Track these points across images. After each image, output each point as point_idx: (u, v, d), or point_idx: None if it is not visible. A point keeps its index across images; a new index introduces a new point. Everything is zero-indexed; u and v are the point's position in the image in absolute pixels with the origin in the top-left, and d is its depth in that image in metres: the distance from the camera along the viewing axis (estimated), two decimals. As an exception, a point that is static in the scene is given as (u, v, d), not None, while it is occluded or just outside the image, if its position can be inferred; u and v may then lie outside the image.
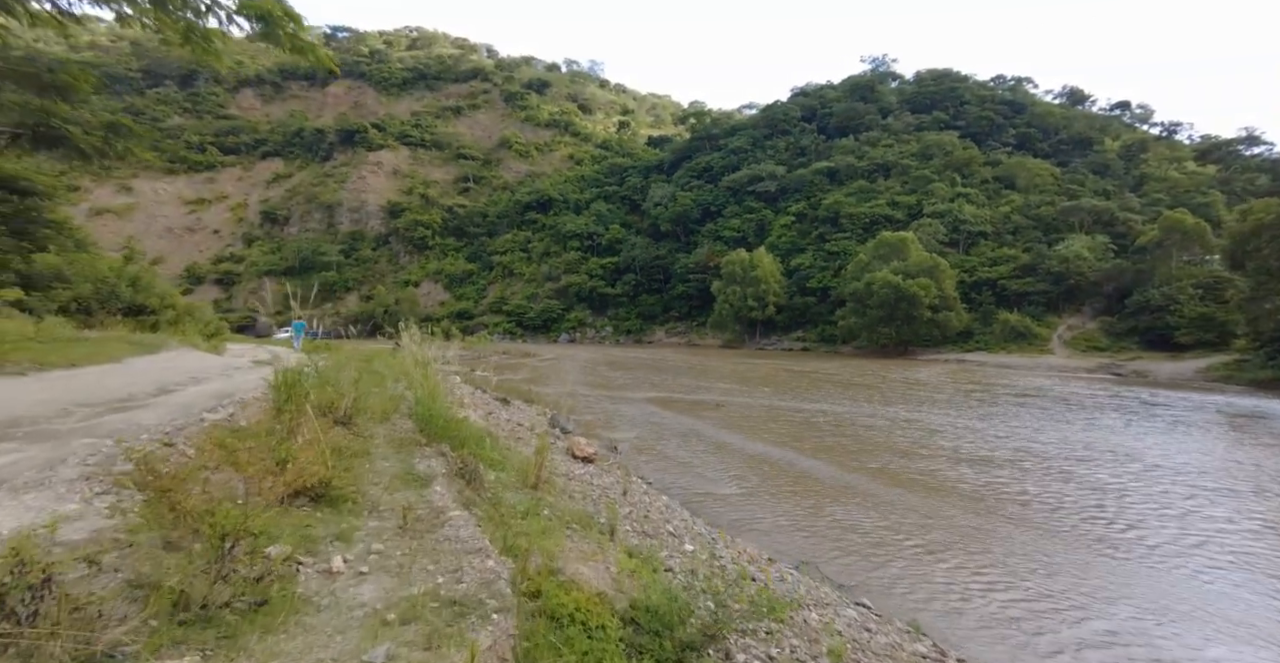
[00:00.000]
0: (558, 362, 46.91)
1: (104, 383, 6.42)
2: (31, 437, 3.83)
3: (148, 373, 7.73)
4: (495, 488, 4.93)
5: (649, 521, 5.92)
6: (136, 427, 4.25)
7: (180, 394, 6.17)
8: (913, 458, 14.73)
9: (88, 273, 15.75)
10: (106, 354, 8.46)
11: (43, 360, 6.84)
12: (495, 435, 7.13)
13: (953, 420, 20.40)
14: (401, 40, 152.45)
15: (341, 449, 3.93)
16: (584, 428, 18.37)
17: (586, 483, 7.29)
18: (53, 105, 5.99)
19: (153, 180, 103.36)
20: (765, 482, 12.30)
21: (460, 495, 4.02)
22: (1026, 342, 51.68)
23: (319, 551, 2.59)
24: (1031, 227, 66.20)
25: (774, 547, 7.97)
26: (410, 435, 4.99)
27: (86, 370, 7.15)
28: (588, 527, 4.93)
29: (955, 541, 8.80)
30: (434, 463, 4.24)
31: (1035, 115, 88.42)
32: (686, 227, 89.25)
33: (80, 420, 4.45)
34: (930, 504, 10.80)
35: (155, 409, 5.14)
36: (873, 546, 8.40)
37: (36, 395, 5.38)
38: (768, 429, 18.58)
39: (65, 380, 6.34)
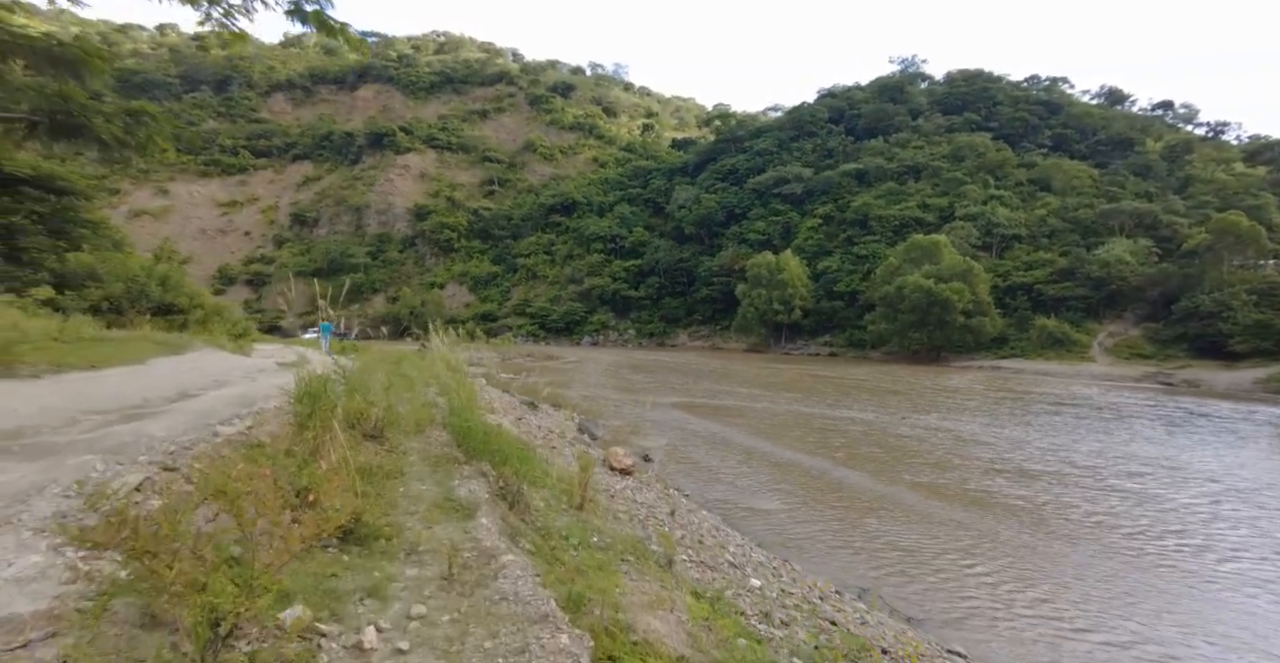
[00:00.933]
0: (581, 365, 46.51)
1: (121, 387, 6.03)
2: (27, 452, 3.36)
3: (169, 376, 7.36)
4: (541, 512, 4.37)
5: (704, 547, 5.31)
6: (143, 439, 3.77)
7: (199, 400, 5.74)
8: (953, 470, 13.89)
9: (119, 272, 15.69)
10: (130, 355, 8.14)
11: (61, 362, 6.51)
12: (531, 446, 6.57)
13: (992, 430, 19.41)
14: (429, 45, 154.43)
15: (372, 470, 3.42)
16: (613, 434, 17.83)
17: (629, 500, 6.70)
18: (70, 90, 5.64)
19: (188, 183, 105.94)
20: (805, 495, 11.61)
21: (506, 524, 3.45)
22: (1065, 349, 49.78)
23: (345, 613, 2.06)
24: (1069, 230, 64.01)
25: (829, 571, 7.29)
26: (447, 451, 4.46)
27: (106, 373, 6.80)
28: (643, 558, 4.33)
29: (1019, 565, 8.01)
30: (475, 486, 3.70)
31: (1072, 116, 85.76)
32: (710, 229, 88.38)
33: (85, 431, 4.00)
34: (984, 523, 10.01)
35: (169, 417, 4.69)
36: (935, 572, 7.66)
37: (47, 401, 4.98)
38: (799, 437, 17.84)
39: (81, 384, 5.97)
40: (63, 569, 1.81)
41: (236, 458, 3.15)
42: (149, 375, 7.14)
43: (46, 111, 5.65)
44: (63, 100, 5.61)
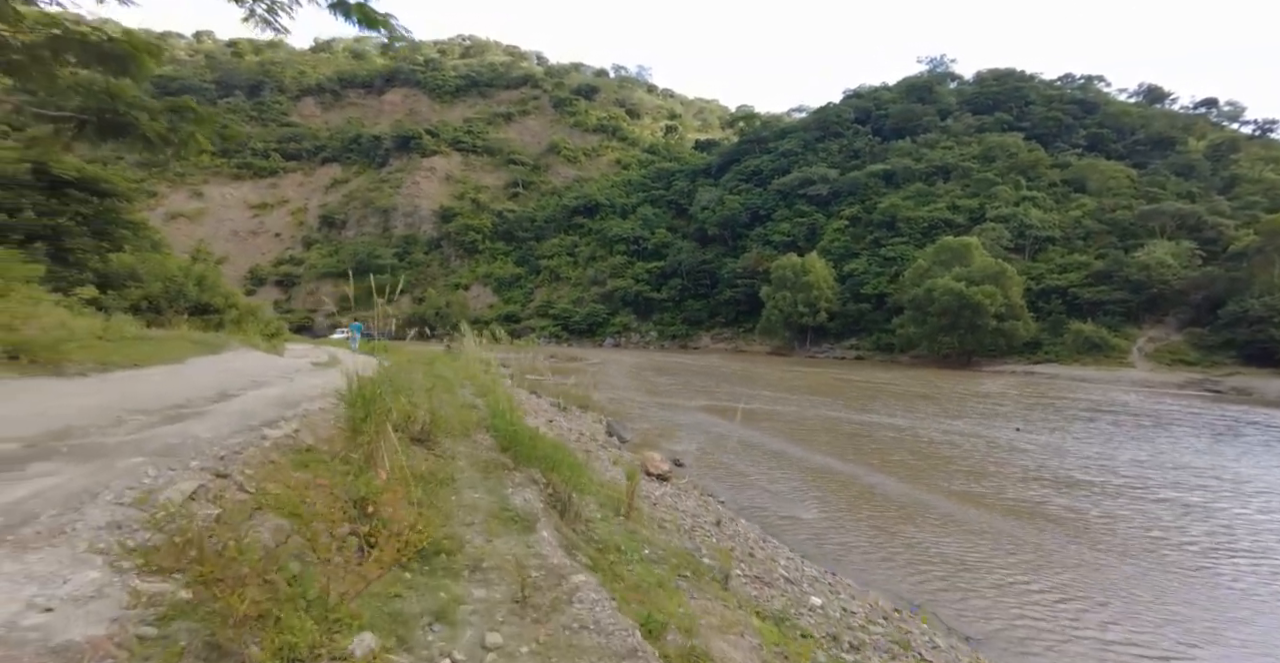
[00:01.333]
0: (605, 366, 46.43)
1: (163, 386, 6.00)
2: (75, 453, 3.27)
3: (208, 375, 7.35)
4: (590, 521, 4.17)
5: (755, 561, 5.06)
6: (190, 441, 3.66)
7: (240, 400, 5.67)
8: (990, 477, 13.40)
9: (158, 272, 15.97)
10: (169, 354, 8.18)
11: (106, 360, 6.52)
12: (568, 449, 6.37)
13: (1028, 437, 18.76)
14: (455, 49, 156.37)
15: (424, 477, 3.25)
16: (641, 437, 17.62)
17: (671, 508, 6.48)
18: (118, 87, 5.63)
19: (221, 186, 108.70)
20: (841, 502, 11.27)
21: (562, 536, 3.26)
22: (1102, 354, 48.23)
23: (415, 641, 1.88)
24: (1105, 231, 62.17)
25: (877, 584, 6.97)
26: (495, 457, 4.29)
27: (148, 372, 6.80)
28: (698, 573, 4.10)
29: (1077, 582, 7.59)
30: (529, 495, 3.52)
31: (1108, 115, 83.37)
32: (734, 231, 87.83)
33: (132, 432, 3.91)
34: (1030, 534, 9.56)
35: (212, 418, 4.60)
36: (987, 588, 7.28)
37: (94, 399, 4.93)
38: (829, 442, 17.44)
39: (125, 382, 5.95)
40: (120, 588, 1.67)
41: (287, 463, 3.01)
42: (189, 375, 7.13)
43: (94, 110, 5.65)
44: (110, 98, 5.61)
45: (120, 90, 5.75)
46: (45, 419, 3.96)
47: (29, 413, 4.09)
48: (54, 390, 5.10)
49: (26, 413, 4.08)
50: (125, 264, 16.15)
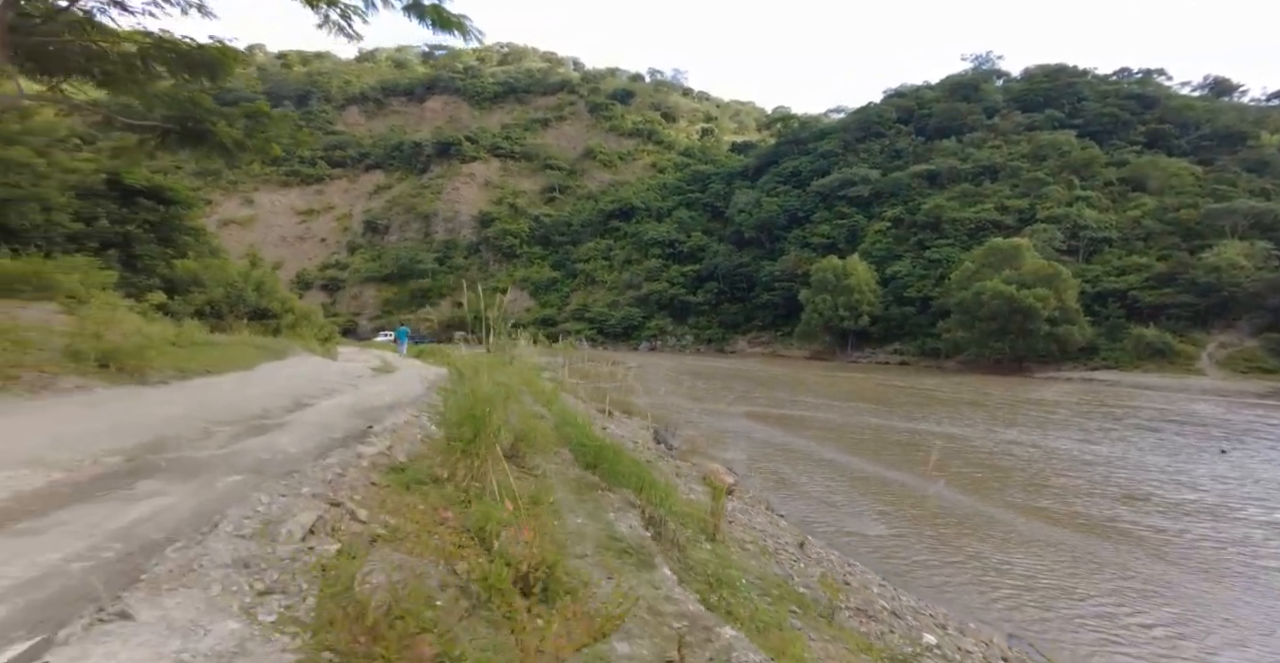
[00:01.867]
0: (643, 370, 46.18)
1: (239, 394, 6.02)
2: (174, 469, 3.19)
3: (278, 382, 7.40)
4: (684, 547, 3.92)
5: (852, 589, 4.73)
6: (279, 456, 3.57)
7: (315, 409, 5.63)
8: (1060, 492, 12.64)
9: (220, 278, 16.47)
10: (239, 360, 8.32)
11: (182, 367, 6.63)
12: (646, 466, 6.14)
13: (1095, 448, 17.73)
14: (493, 56, 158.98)
15: (530, 501, 3.06)
16: (689, 444, 17.33)
17: (746, 526, 6.19)
18: (199, 95, 5.70)
19: (270, 193, 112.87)
20: (905, 517, 10.76)
21: (675, 566, 3.02)
22: (1166, 360, 45.70)
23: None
24: (1168, 232, 58.98)
25: (965, 612, 6.53)
26: (583, 476, 4.09)
27: (222, 379, 6.88)
28: (803, 607, 3.81)
29: (1192, 617, 6.97)
30: (632, 521, 3.30)
31: (1170, 110, 79.20)
32: (771, 233, 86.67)
33: (221, 445, 3.84)
34: (1118, 556, 8.89)
35: (294, 430, 4.53)
36: (1088, 619, 6.73)
37: (178, 409, 4.94)
38: (882, 452, 16.82)
39: (203, 391, 5.99)
40: (262, 642, 1.50)
41: (393, 486, 2.85)
42: (260, 382, 7.18)
43: (177, 118, 5.73)
44: (192, 105, 5.68)
45: (200, 99, 5.81)
46: (139, 431, 3.93)
47: (124, 424, 4.08)
48: (141, 399, 5.13)
49: (122, 424, 4.07)
50: (189, 270, 16.72)
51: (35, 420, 3.92)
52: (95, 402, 4.69)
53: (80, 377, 5.17)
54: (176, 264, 16.89)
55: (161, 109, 5.73)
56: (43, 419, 3.95)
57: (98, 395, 4.90)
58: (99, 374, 5.43)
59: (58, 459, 3.17)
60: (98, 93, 5.97)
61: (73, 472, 3.05)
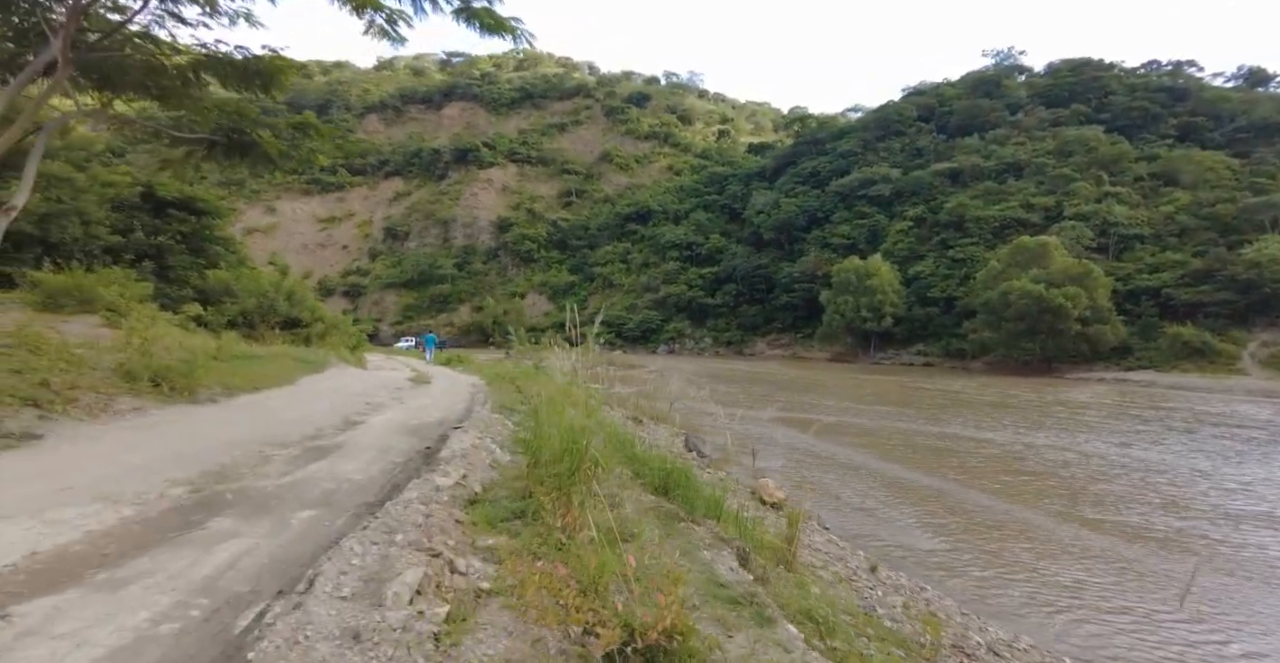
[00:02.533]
0: (664, 374, 45.78)
1: (288, 412, 5.90)
2: (242, 503, 3.02)
3: (322, 397, 7.29)
4: (768, 582, 3.66)
5: (938, 621, 4.43)
6: (344, 486, 3.39)
7: (367, 428, 5.48)
8: (1109, 501, 12.09)
9: (251, 288, 16.57)
10: (281, 374, 8.25)
11: (229, 384, 6.55)
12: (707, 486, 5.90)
13: (1137, 453, 17.04)
14: (509, 62, 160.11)
15: (617, 537, 2.84)
16: (721, 452, 17.04)
17: (809, 547, 5.90)
18: (246, 107, 5.60)
19: (292, 201, 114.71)
20: (955, 528, 10.35)
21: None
22: (1205, 360, 44.28)
23: None
24: (1203, 227, 57.26)
25: (1044, 640, 6.17)
26: (658, 503, 3.85)
27: (267, 395, 6.78)
28: (906, 649, 3.53)
29: None
30: (729, 560, 3.06)
31: (1203, 102, 77.03)
32: (790, 234, 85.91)
33: (282, 472, 3.68)
34: (1196, 577, 8.41)
35: (352, 453, 4.36)
36: (1183, 647, 6.32)
37: (232, 431, 4.82)
38: (919, 458, 16.33)
39: (251, 409, 5.88)
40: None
41: (481, 524, 2.64)
42: (305, 397, 7.07)
43: (225, 130, 5.64)
44: (240, 117, 5.59)
45: (247, 110, 5.72)
46: (200, 457, 3.79)
47: (184, 450, 3.95)
48: (194, 420, 5.02)
49: (182, 450, 3.93)
50: (221, 280, 16.85)
51: (99, 447, 3.81)
52: (152, 424, 4.58)
53: (135, 397, 5.09)
54: (209, 275, 17.05)
55: (211, 122, 5.66)
56: (106, 446, 3.84)
57: (153, 418, 4.80)
58: (152, 394, 5.35)
59: (125, 492, 3.03)
60: (141, 105, 5.93)
61: (142, 506, 2.90)
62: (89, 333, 9.76)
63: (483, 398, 8.36)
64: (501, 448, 4.21)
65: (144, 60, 5.17)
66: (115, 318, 10.99)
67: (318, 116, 43.43)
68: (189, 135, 5.80)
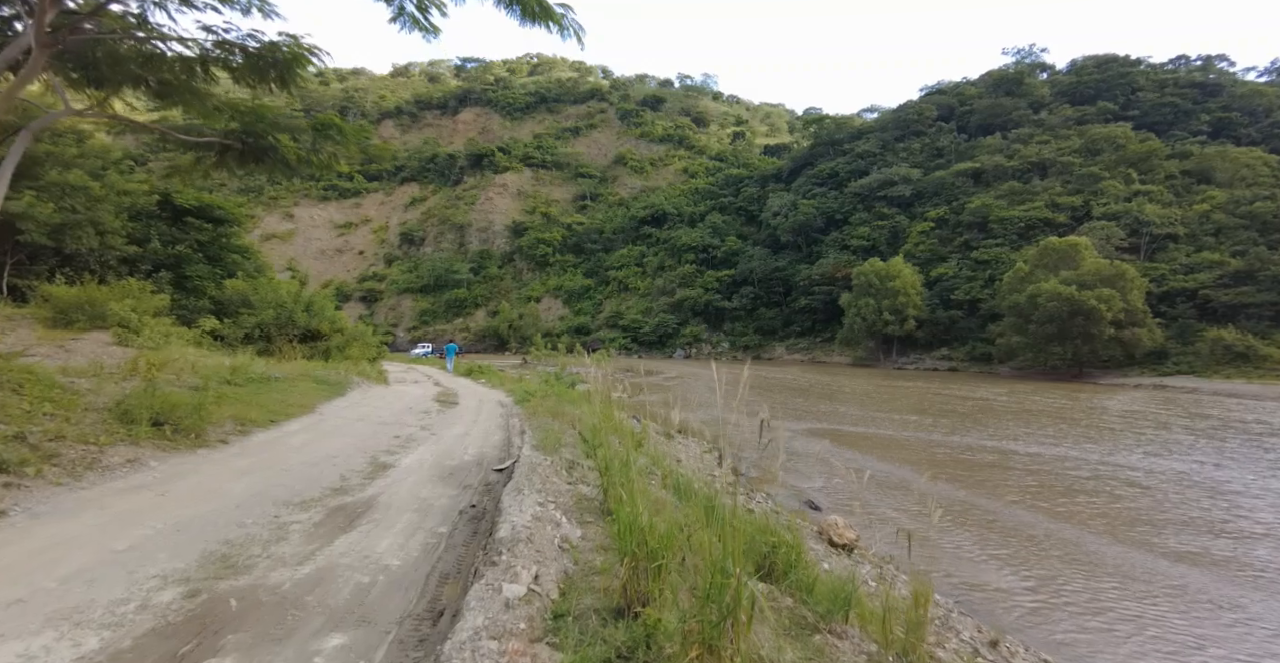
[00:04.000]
0: (683, 381, 45.01)
1: (308, 452, 5.19)
2: (249, 618, 2.28)
3: (345, 429, 6.59)
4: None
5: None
6: (380, 580, 2.63)
7: (398, 473, 4.74)
8: (1190, 529, 11.02)
9: (269, 299, 16.05)
10: (299, 400, 7.58)
11: (243, 417, 5.88)
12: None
13: (1211, 473, 15.85)
14: (523, 67, 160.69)
15: None
16: (759, 469, 16.18)
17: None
18: (263, 107, 4.93)
19: (309, 208, 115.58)
20: (1036, 563, 9.38)
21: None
22: (1250, 365, 42.47)
23: None
24: (1242, 227, 55.28)
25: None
26: (773, 596, 3.05)
27: (285, 429, 6.09)
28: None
29: None
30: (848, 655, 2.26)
31: (1236, 97, 74.80)
32: (808, 237, 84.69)
33: (302, 555, 2.95)
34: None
35: (385, 519, 3.62)
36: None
37: (243, 485, 4.10)
38: (976, 476, 15.30)
39: (267, 451, 5.18)
40: None
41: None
42: (327, 431, 6.37)
43: (239, 134, 4.98)
44: (255, 118, 4.92)
45: (264, 110, 5.04)
46: (200, 530, 3.07)
47: (182, 520, 3.23)
48: (200, 472, 4.32)
49: (179, 521, 3.21)
50: (238, 291, 16.36)
51: (74, 526, 3.09)
52: (148, 484, 3.87)
53: (131, 444, 4.38)
54: (226, 285, 16.56)
55: (222, 123, 5.01)
56: (84, 523, 3.12)
57: (151, 473, 4.08)
58: (152, 437, 4.64)
59: (97, 604, 2.31)
60: (144, 104, 5.31)
61: (115, 631, 2.17)
62: (98, 352, 9.19)
63: (518, 425, 7.61)
64: (568, 516, 3.44)
65: (139, 49, 4.53)
66: (127, 335, 10.45)
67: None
68: (198, 139, 5.16)
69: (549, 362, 54.54)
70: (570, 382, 21.54)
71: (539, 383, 15.00)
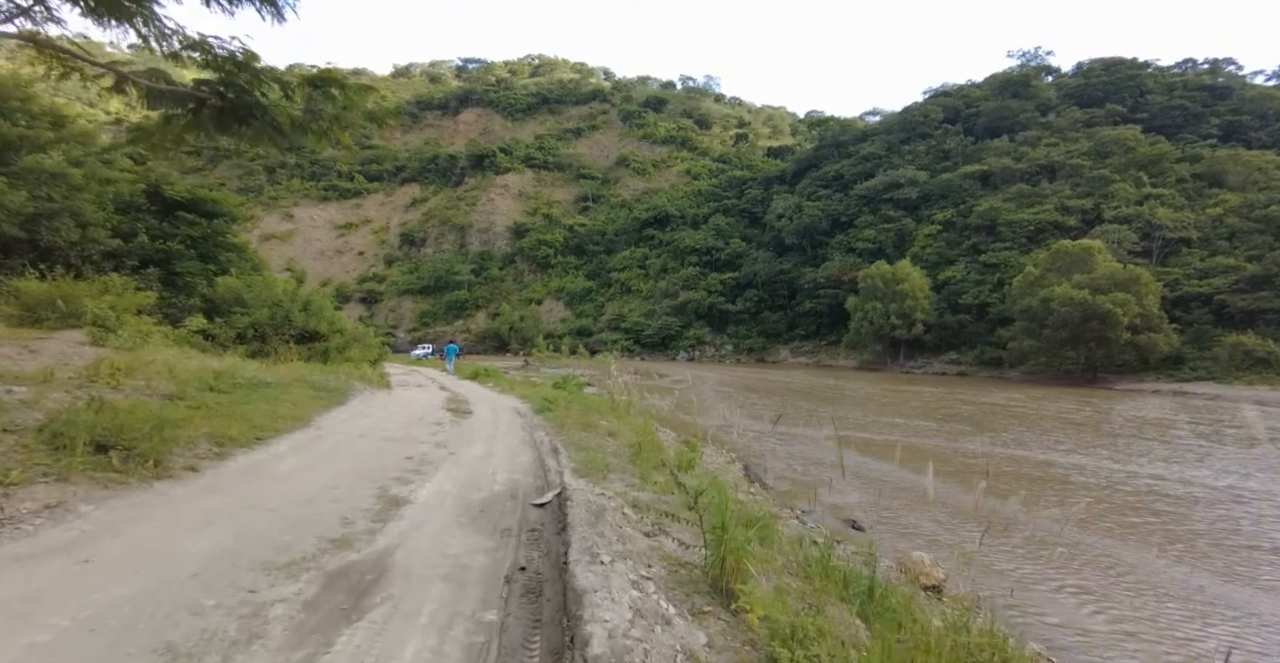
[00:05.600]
0: (691, 385, 43.91)
1: (299, 483, 4.15)
2: None
3: (346, 449, 5.55)
4: None
5: None
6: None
7: (415, 513, 3.70)
8: None
9: (264, 297, 15.00)
10: (293, 412, 6.52)
11: (221, 434, 4.83)
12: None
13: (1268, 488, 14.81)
14: (525, 68, 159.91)
15: None
16: (787, 482, 15.14)
17: None
18: (247, 54, 3.92)
19: (309, 207, 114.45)
20: (1112, 594, 8.36)
21: None
22: (1273, 371, 41.47)
23: None
24: (1256, 230, 54.39)
25: None
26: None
27: (272, 451, 5.03)
28: None
29: None
30: None
31: (1246, 100, 74.08)
32: (813, 239, 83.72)
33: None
34: None
35: (406, 598, 2.58)
36: None
37: (207, 541, 3.05)
38: (1016, 490, 14.26)
39: (247, 482, 4.14)
40: None
41: None
42: (325, 453, 5.32)
43: (217, 85, 3.97)
44: (236, 69, 3.92)
45: (248, 57, 4.02)
46: (126, 628, 2.00)
47: (105, 606, 2.18)
48: (151, 519, 3.26)
49: (98, 608, 2.16)
50: (231, 288, 15.30)
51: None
52: (65, 544, 2.74)
53: (57, 481, 3.25)
54: (219, 282, 15.51)
55: (193, 65, 4.01)
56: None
57: (77, 526, 2.94)
58: (92, 469, 3.54)
59: None
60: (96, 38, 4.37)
61: None
62: (66, 353, 8.14)
63: (547, 442, 6.54)
64: (672, 601, 2.40)
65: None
66: (103, 334, 9.42)
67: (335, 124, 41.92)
68: (166, 87, 4.14)
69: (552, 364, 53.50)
70: (580, 385, 20.50)
71: (554, 389, 13.96)
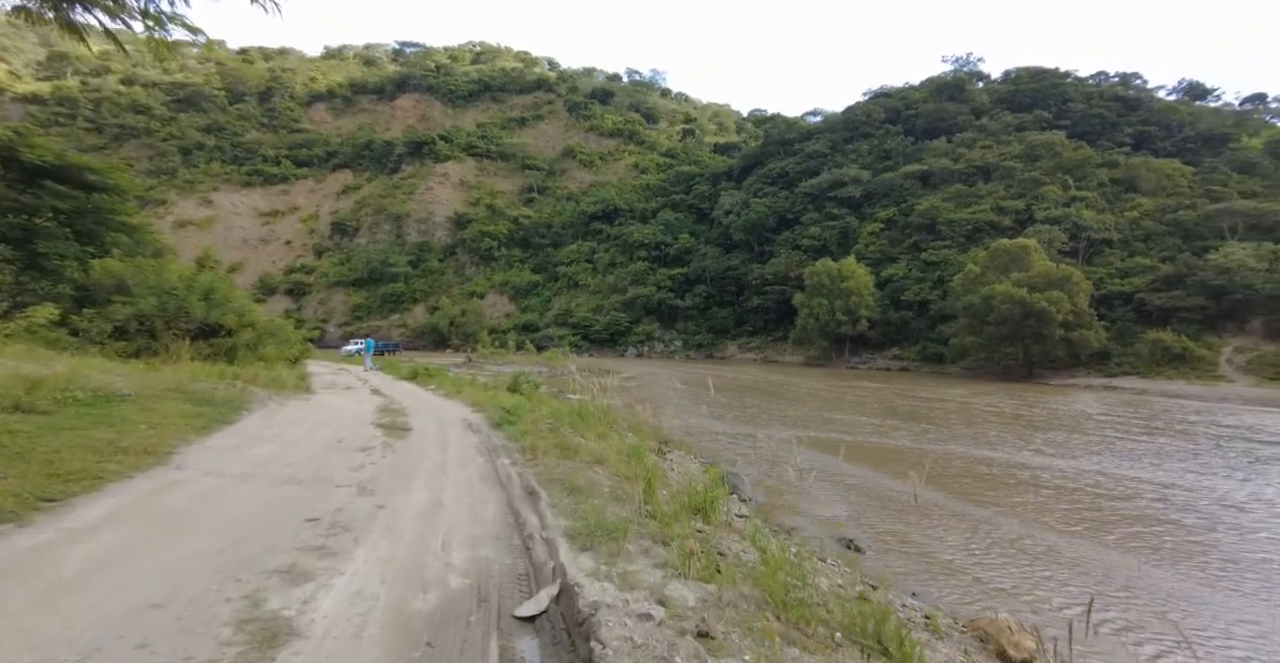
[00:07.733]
0: (642, 381, 42.51)
1: (82, 614, 2.34)
2: None
3: (212, 509, 3.70)
4: None
5: None
6: None
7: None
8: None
9: (153, 283, 12.47)
10: (143, 442, 4.54)
11: (16, 493, 2.92)
12: None
13: (1240, 488, 14.75)
14: (466, 55, 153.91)
15: None
16: (765, 491, 13.93)
17: None
18: None
19: (231, 193, 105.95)
20: (1125, 611, 7.54)
21: None
22: (1186, 366, 44.06)
23: None
24: (1168, 233, 58.04)
25: None
26: None
27: (72, 524, 3.04)
28: None
29: None
30: None
31: (1154, 112, 79.37)
32: (760, 236, 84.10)
33: None
34: None
35: None
36: None
37: None
38: (994, 494, 13.61)
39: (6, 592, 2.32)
40: None
41: None
42: (170, 517, 3.41)
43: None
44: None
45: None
46: None
47: None
48: None
49: None
50: (111, 272, 12.68)
51: None
52: None
53: None
54: (93, 266, 12.83)
55: None
56: None
57: None
58: None
59: None
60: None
61: None
62: None
63: (517, 480, 4.84)
64: None
65: None
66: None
67: (259, 105, 38.92)
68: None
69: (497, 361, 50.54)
70: (534, 385, 18.70)
71: (510, 394, 12.17)
